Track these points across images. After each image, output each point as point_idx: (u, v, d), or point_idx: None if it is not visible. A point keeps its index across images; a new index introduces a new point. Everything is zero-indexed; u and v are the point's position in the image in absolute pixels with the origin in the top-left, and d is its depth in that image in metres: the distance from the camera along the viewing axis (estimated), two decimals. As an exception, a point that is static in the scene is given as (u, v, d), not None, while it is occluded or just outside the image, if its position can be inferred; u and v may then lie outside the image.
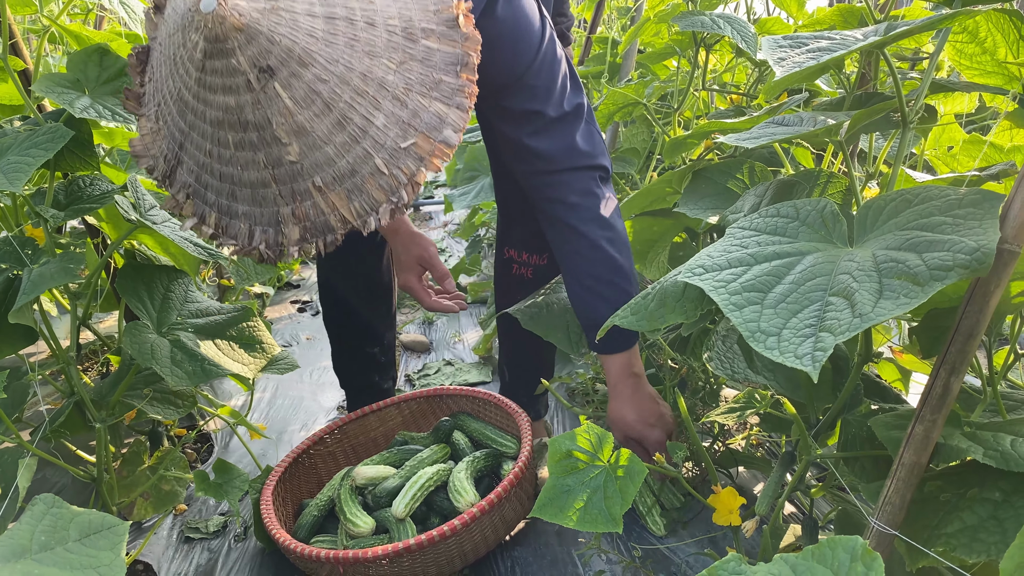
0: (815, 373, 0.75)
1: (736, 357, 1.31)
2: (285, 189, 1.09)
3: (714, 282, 0.91)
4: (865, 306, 0.79)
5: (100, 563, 0.95)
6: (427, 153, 1.08)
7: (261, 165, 1.08)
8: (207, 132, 1.08)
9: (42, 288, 1.23)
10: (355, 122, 1.05)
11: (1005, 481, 0.91)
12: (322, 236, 1.11)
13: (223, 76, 1.01)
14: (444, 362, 2.77)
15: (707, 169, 1.60)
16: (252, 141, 1.06)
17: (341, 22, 1.03)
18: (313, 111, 1.04)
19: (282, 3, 1.00)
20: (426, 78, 1.08)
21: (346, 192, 1.09)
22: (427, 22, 1.09)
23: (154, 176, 1.17)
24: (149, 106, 1.15)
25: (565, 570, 1.60)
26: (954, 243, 0.80)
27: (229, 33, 0.97)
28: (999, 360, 1.20)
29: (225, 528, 1.82)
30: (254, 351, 1.61)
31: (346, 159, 1.07)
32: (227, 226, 1.14)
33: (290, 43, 1.00)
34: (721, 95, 2.53)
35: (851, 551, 0.70)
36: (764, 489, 1.24)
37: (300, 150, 1.06)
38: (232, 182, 1.11)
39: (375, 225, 1.10)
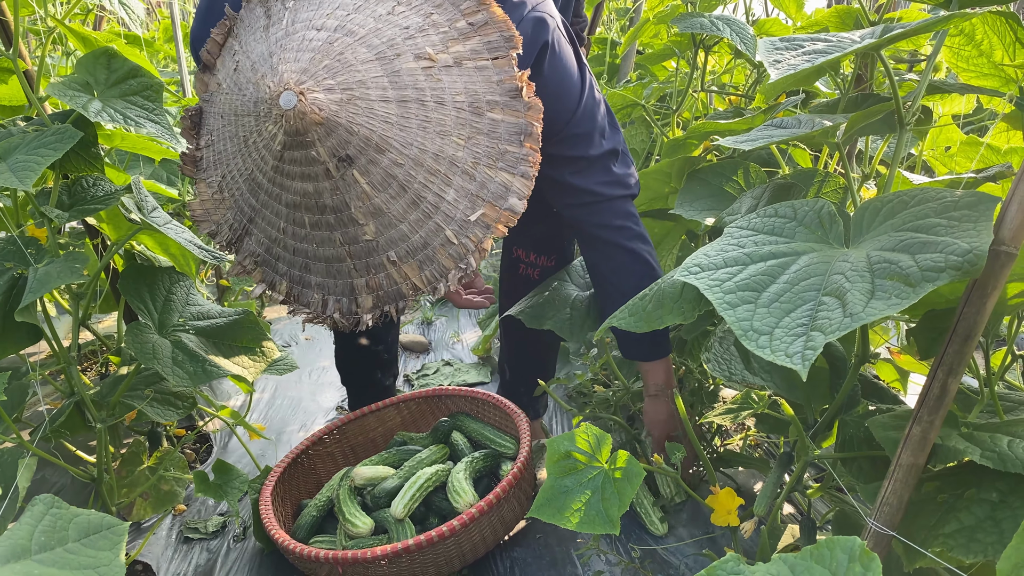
0: (804, 371, 0.76)
1: (733, 359, 1.32)
2: (360, 263, 1.13)
3: (709, 281, 0.91)
4: (856, 306, 0.79)
5: (99, 563, 0.95)
6: (493, 221, 1.12)
7: (337, 243, 1.11)
8: (281, 212, 1.11)
9: (48, 287, 1.23)
10: (428, 200, 1.08)
11: (1002, 482, 0.92)
12: (394, 303, 1.15)
13: (302, 165, 1.03)
14: (443, 362, 2.77)
15: (702, 171, 1.61)
16: (329, 222, 1.09)
17: (413, 104, 1.05)
18: (389, 193, 1.07)
19: (357, 92, 1.02)
20: (492, 150, 1.11)
21: (418, 263, 1.12)
22: (491, 94, 1.11)
23: (217, 241, 1.20)
24: (209, 172, 1.17)
25: (564, 570, 1.61)
26: (947, 245, 0.81)
27: (309, 127, 0.99)
28: (996, 361, 1.21)
29: (224, 528, 1.82)
30: (254, 353, 1.62)
31: (419, 234, 1.10)
32: (299, 295, 1.18)
33: (368, 132, 1.02)
34: (720, 96, 2.54)
35: (849, 551, 0.70)
36: (762, 490, 1.25)
37: (376, 229, 1.09)
38: (306, 256, 1.14)
39: (443, 291, 1.14)
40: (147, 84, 1.46)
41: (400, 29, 1.07)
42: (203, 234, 1.20)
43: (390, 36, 1.06)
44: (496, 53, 1.11)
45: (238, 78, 1.08)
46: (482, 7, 1.11)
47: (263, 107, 1.01)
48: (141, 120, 1.41)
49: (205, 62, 1.16)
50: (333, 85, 1.00)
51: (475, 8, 1.11)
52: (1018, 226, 0.80)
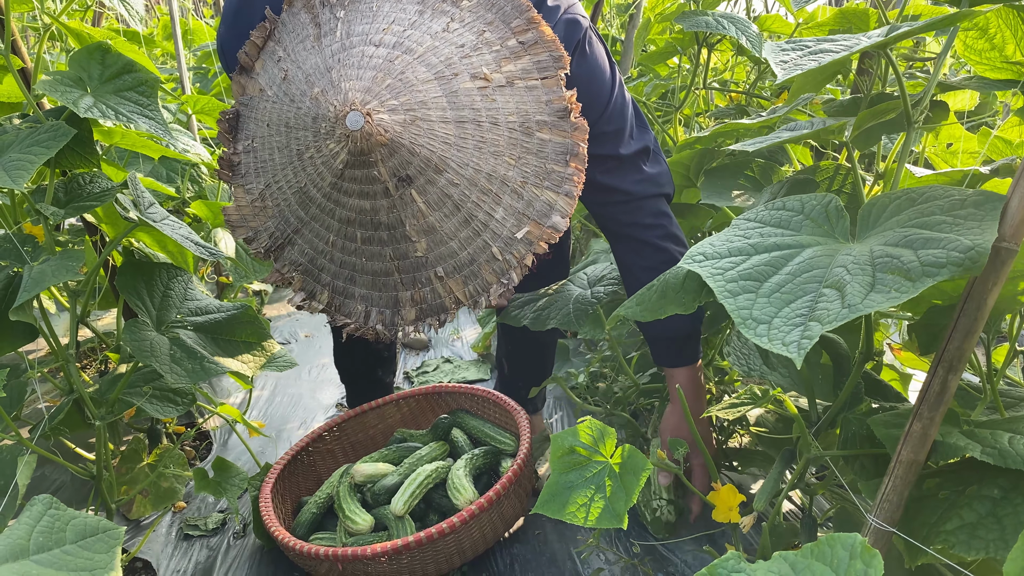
0: (799, 360, 0.76)
1: (752, 354, 1.32)
2: (407, 278, 1.14)
3: (712, 269, 0.92)
4: (855, 297, 0.80)
5: (95, 566, 0.96)
6: (537, 238, 1.13)
7: (388, 258, 1.13)
8: (332, 226, 1.12)
9: (43, 285, 1.23)
10: (479, 218, 1.10)
11: (1004, 479, 0.92)
12: (436, 316, 1.17)
13: (361, 184, 1.05)
14: (443, 359, 2.77)
15: (717, 169, 1.61)
16: (382, 238, 1.10)
17: (470, 125, 1.06)
18: (443, 212, 1.08)
19: (419, 112, 1.03)
20: (540, 169, 1.12)
21: (463, 278, 1.14)
22: (541, 114, 1.12)
23: (252, 247, 1.20)
24: (249, 179, 1.17)
25: (564, 568, 1.61)
26: (950, 241, 0.81)
27: (374, 148, 1.00)
28: (998, 357, 1.20)
29: (224, 525, 1.82)
30: (253, 349, 1.61)
31: (467, 251, 1.12)
32: (341, 305, 1.19)
33: (428, 152, 1.03)
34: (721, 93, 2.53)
35: (850, 548, 0.70)
36: (763, 486, 1.25)
37: (427, 246, 1.11)
38: (352, 269, 1.16)
39: (485, 305, 1.15)
40: (142, 80, 1.45)
41: (456, 48, 1.08)
42: (239, 239, 1.20)
43: (447, 55, 1.07)
44: (545, 73, 1.12)
45: (288, 88, 1.08)
46: (531, 26, 1.12)
47: (324, 125, 1.02)
48: (134, 116, 1.40)
49: (243, 64, 1.16)
50: (397, 106, 1.01)
51: (525, 27, 1.12)
52: (1019, 222, 0.79)
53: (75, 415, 1.62)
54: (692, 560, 1.60)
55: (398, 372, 2.71)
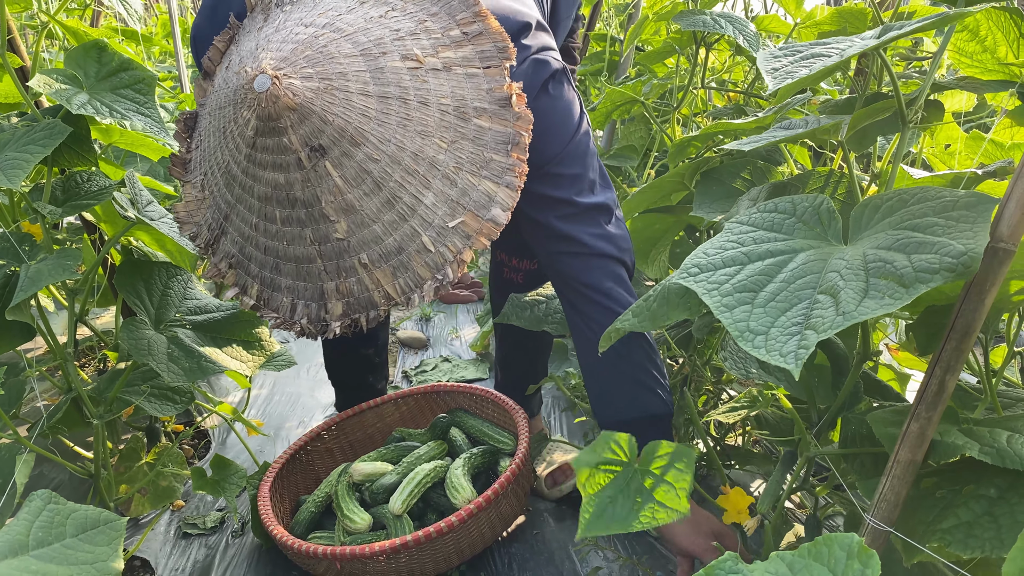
0: (796, 371, 0.76)
1: (748, 357, 1.32)
2: (330, 265, 1.10)
3: (708, 284, 0.91)
4: (849, 304, 0.79)
5: (97, 559, 0.95)
6: (474, 231, 1.08)
7: (308, 241, 1.08)
8: (254, 206, 1.08)
9: (39, 285, 1.22)
10: (404, 201, 1.05)
11: (1001, 478, 0.92)
12: (365, 312, 1.12)
13: (273, 153, 1.01)
14: (441, 358, 2.77)
15: (716, 170, 1.61)
16: (300, 217, 1.06)
17: (395, 101, 1.03)
18: (363, 190, 1.04)
19: (336, 82, 1.00)
20: (477, 157, 1.08)
21: (391, 269, 1.09)
22: (480, 101, 1.08)
23: (197, 244, 1.17)
24: (195, 174, 1.16)
25: (562, 566, 1.61)
26: (942, 245, 0.81)
27: (282, 112, 0.97)
28: (996, 358, 1.21)
29: (223, 524, 1.82)
30: (252, 348, 1.61)
31: (393, 237, 1.07)
32: (269, 298, 1.15)
33: (343, 123, 1.00)
34: (719, 93, 2.53)
35: (847, 548, 0.70)
36: (766, 488, 1.25)
37: (348, 227, 1.06)
38: (277, 256, 1.12)
39: (418, 302, 1.10)
40: (138, 77, 1.45)
41: (390, 31, 1.06)
42: (185, 236, 1.18)
43: (379, 35, 1.05)
44: (488, 62, 1.09)
45: (227, 75, 1.07)
46: (478, 18, 1.10)
47: (240, 93, 1.00)
48: (130, 113, 1.40)
49: (206, 69, 1.15)
50: (311, 74, 0.99)
51: (471, 19, 1.10)
52: (1016, 223, 0.79)
53: (73, 414, 1.62)
54: (690, 559, 1.60)
55: (396, 371, 2.71)
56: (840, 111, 1.43)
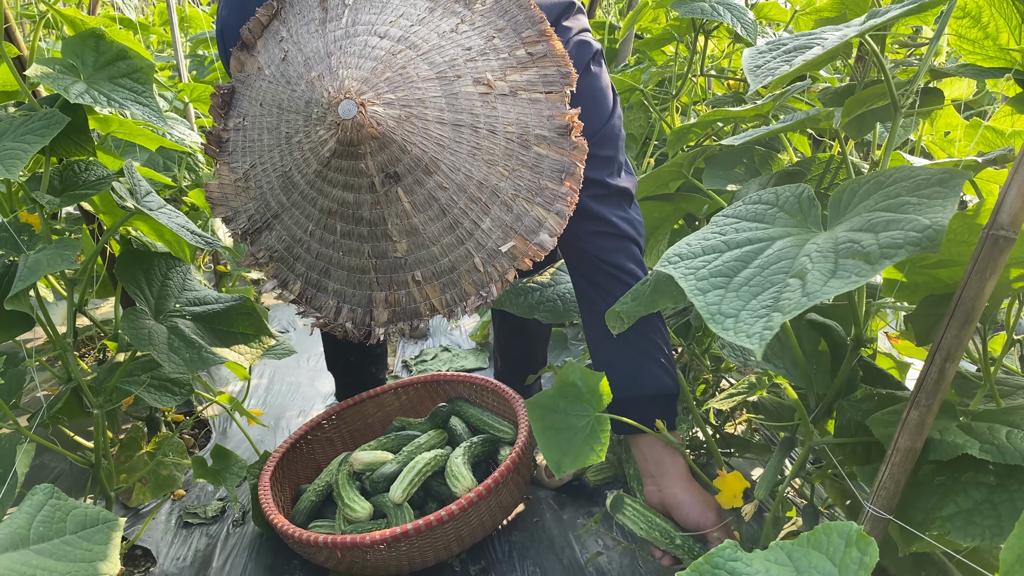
0: (759, 351, 0.77)
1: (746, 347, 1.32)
2: (383, 278, 1.12)
3: (684, 270, 0.92)
4: (814, 284, 0.80)
5: (95, 557, 0.96)
6: (521, 254, 1.11)
7: (365, 255, 1.10)
8: (313, 215, 1.09)
9: (38, 275, 1.22)
10: (464, 226, 1.08)
11: (1000, 465, 0.92)
12: (409, 320, 1.15)
13: (347, 175, 1.02)
14: (441, 348, 2.77)
15: (718, 157, 1.61)
16: (362, 234, 1.08)
17: (466, 130, 1.04)
18: (429, 215, 1.06)
19: (416, 110, 1.00)
20: (533, 184, 1.10)
21: (441, 285, 1.12)
22: (541, 128, 1.09)
23: (231, 227, 1.18)
24: (235, 157, 1.15)
25: (562, 553, 1.61)
26: (908, 221, 0.82)
27: (364, 140, 0.98)
28: (995, 346, 1.21)
29: (223, 513, 1.82)
30: (251, 340, 1.61)
31: (448, 258, 1.10)
32: (313, 298, 1.16)
33: (420, 152, 1.01)
34: (719, 81, 2.52)
35: (846, 536, 0.70)
36: (763, 474, 1.25)
37: (408, 248, 1.08)
38: (328, 262, 1.13)
39: (460, 315, 1.13)
40: (136, 66, 1.44)
41: (462, 50, 1.06)
42: (216, 217, 1.19)
43: (452, 56, 1.05)
44: (551, 87, 1.10)
45: (286, 69, 1.06)
46: (543, 38, 1.10)
47: (316, 110, 1.00)
48: (128, 102, 1.39)
49: (245, 40, 1.13)
50: (393, 100, 0.99)
51: (536, 38, 1.10)
52: (1017, 210, 0.79)
53: (73, 403, 1.62)
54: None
55: (396, 360, 2.71)
56: (838, 98, 1.43)
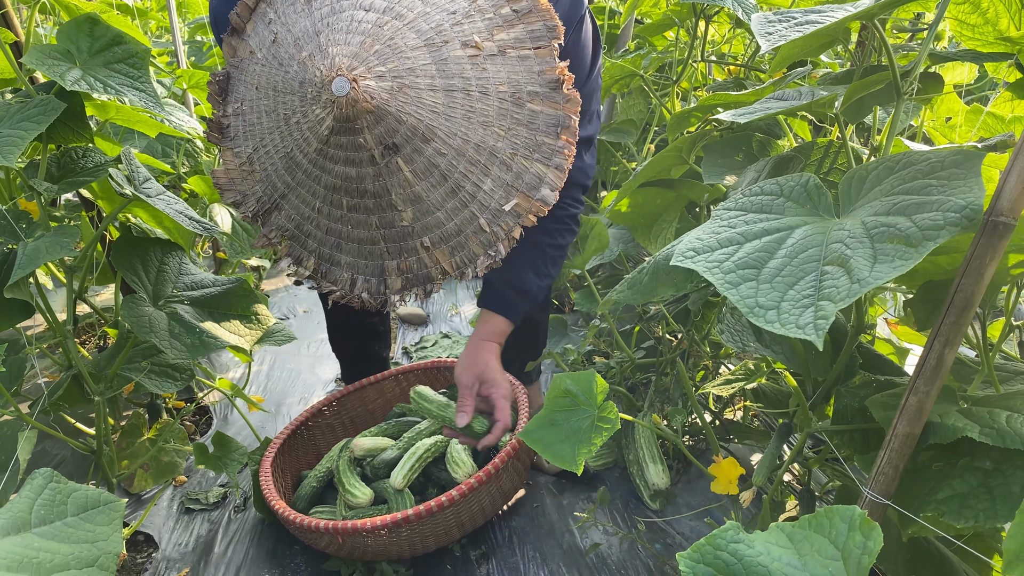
0: (819, 341, 0.76)
1: (745, 331, 1.33)
2: (393, 247, 1.14)
3: (707, 263, 0.91)
4: (862, 271, 0.80)
5: (98, 538, 0.96)
6: (525, 211, 1.13)
7: (373, 226, 1.12)
8: (319, 192, 1.11)
9: (38, 262, 1.22)
10: (466, 189, 1.10)
11: (996, 451, 0.92)
12: (422, 285, 1.18)
13: (347, 150, 1.04)
14: (441, 335, 2.77)
15: (719, 143, 1.61)
16: (368, 206, 1.10)
17: (459, 94, 1.05)
18: (430, 182, 1.08)
19: (407, 80, 1.01)
20: (530, 141, 1.11)
21: (450, 249, 1.14)
22: (532, 84, 1.10)
23: (240, 210, 1.19)
24: (238, 142, 1.16)
25: (562, 540, 1.62)
26: (942, 203, 0.82)
27: (360, 115, 0.99)
28: (993, 332, 1.21)
29: (225, 499, 1.83)
30: (250, 322, 1.61)
31: (454, 221, 1.12)
32: (327, 272, 1.19)
33: (415, 121, 1.02)
34: (719, 66, 2.51)
35: (849, 520, 0.70)
36: (761, 460, 1.26)
37: (413, 216, 1.11)
38: (339, 236, 1.15)
39: (471, 275, 1.16)
40: (132, 52, 1.43)
41: (447, 14, 1.06)
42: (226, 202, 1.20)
43: (438, 21, 1.05)
44: (539, 43, 1.10)
45: (278, 51, 1.06)
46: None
47: (311, 90, 1.01)
48: (124, 88, 1.38)
49: (235, 25, 1.14)
50: (384, 72, 1.00)
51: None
52: (1017, 197, 0.79)
53: (74, 390, 1.62)
54: (690, 533, 1.61)
55: (397, 347, 2.72)
56: (839, 84, 1.42)
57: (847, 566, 0.69)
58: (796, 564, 0.71)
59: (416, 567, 1.56)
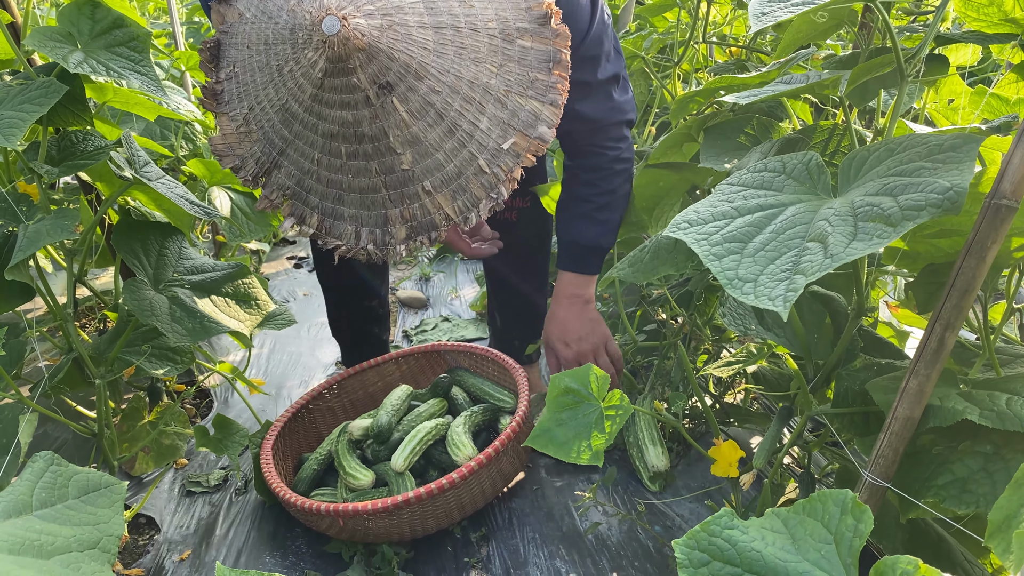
0: (784, 313, 0.78)
1: (747, 314, 1.33)
2: (395, 194, 1.13)
3: (696, 235, 0.92)
4: (837, 247, 0.80)
5: (100, 520, 0.97)
6: (523, 150, 1.13)
7: (373, 173, 1.11)
8: (316, 142, 1.10)
9: (38, 245, 1.22)
10: (463, 128, 1.09)
11: (997, 435, 0.93)
12: (427, 233, 1.16)
13: (341, 93, 1.03)
14: (441, 318, 2.78)
15: (719, 126, 1.60)
16: (366, 151, 1.09)
17: (448, 31, 1.05)
18: (427, 121, 1.07)
19: (396, 17, 1.01)
20: (523, 78, 1.11)
21: (451, 192, 1.13)
22: (521, 21, 1.10)
23: (240, 175, 1.18)
24: (233, 105, 1.15)
25: (562, 521, 1.63)
26: (928, 184, 0.82)
27: (352, 53, 0.98)
28: (995, 315, 1.21)
29: (226, 482, 1.84)
30: (250, 307, 1.61)
31: (454, 163, 1.11)
32: (331, 227, 1.18)
33: (407, 58, 1.02)
34: (721, 48, 2.50)
35: (841, 504, 0.71)
36: (761, 443, 1.26)
37: (413, 158, 1.10)
38: (340, 188, 1.14)
39: (475, 220, 1.15)
40: (132, 35, 1.42)
41: None
42: (226, 168, 1.19)
43: None
44: None
45: (266, 6, 1.07)
46: None
47: (301, 34, 1.01)
48: (126, 72, 1.37)
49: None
50: (373, 11, 1.00)
51: None
52: (1020, 179, 0.79)
53: (75, 374, 1.62)
54: (689, 515, 1.62)
55: (397, 331, 2.72)
56: (843, 66, 1.41)
57: (839, 549, 0.69)
58: (789, 548, 0.71)
59: (417, 549, 1.57)
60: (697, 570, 0.73)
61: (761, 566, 0.70)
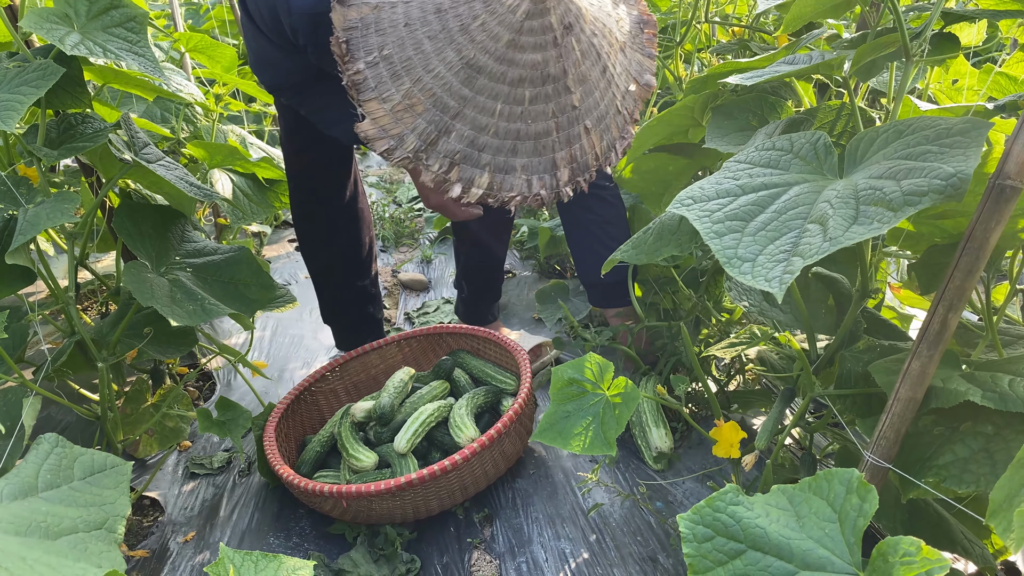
0: (780, 295, 0.78)
1: (752, 290, 1.33)
2: (563, 136, 1.21)
3: (699, 211, 0.92)
4: (836, 230, 0.80)
5: (105, 501, 0.97)
6: (639, 96, 1.25)
7: (550, 115, 1.18)
8: (501, 93, 1.15)
9: (39, 228, 1.22)
10: (609, 68, 1.20)
11: (998, 415, 0.93)
12: (583, 174, 1.24)
13: (536, 35, 1.11)
14: (443, 300, 2.78)
15: (726, 105, 1.58)
16: (547, 93, 1.16)
17: None
18: (591, 61, 1.17)
19: None
20: (629, 33, 1.23)
21: (600, 132, 1.23)
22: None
23: (396, 155, 1.18)
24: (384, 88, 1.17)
25: (564, 500, 1.64)
26: (932, 170, 0.81)
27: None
28: (997, 296, 1.20)
29: (229, 464, 1.85)
30: (252, 290, 1.61)
31: (603, 103, 1.21)
32: (502, 183, 1.22)
33: (579, 2, 1.13)
34: (723, 28, 2.48)
35: (847, 483, 0.71)
36: (764, 424, 1.26)
37: (581, 96, 1.18)
38: (516, 137, 1.19)
39: (615, 161, 1.25)
40: (130, 15, 1.41)
41: None
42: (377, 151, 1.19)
43: None
44: None
45: None
46: None
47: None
48: (123, 53, 1.36)
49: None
50: None
51: None
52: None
53: (78, 357, 1.63)
54: (690, 493, 1.63)
55: (399, 313, 2.72)
56: (850, 47, 1.40)
57: (843, 528, 0.69)
58: (793, 526, 0.71)
59: (420, 530, 1.58)
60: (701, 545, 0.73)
61: (764, 542, 0.71)
